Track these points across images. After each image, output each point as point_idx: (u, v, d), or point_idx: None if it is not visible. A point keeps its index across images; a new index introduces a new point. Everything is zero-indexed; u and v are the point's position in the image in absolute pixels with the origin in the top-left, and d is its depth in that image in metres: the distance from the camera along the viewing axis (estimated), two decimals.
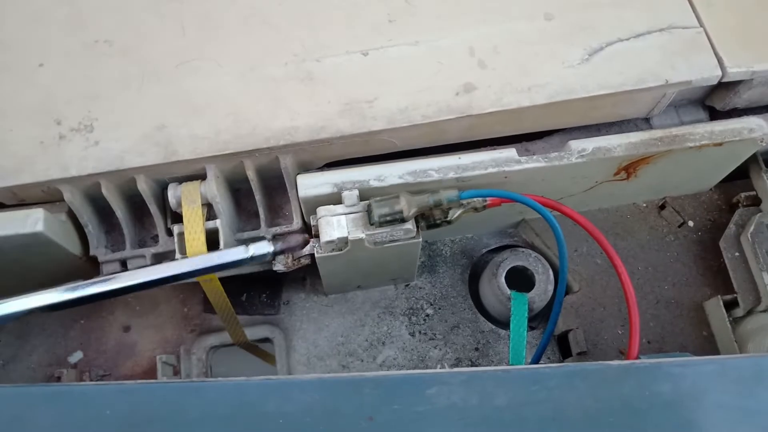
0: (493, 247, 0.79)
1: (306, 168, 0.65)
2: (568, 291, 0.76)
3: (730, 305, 0.73)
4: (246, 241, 0.66)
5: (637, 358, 0.57)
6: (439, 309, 0.76)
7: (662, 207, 0.79)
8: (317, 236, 0.63)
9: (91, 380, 0.72)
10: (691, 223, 0.78)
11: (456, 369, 0.46)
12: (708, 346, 0.73)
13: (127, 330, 0.74)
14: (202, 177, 0.62)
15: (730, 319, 0.72)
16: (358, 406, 0.45)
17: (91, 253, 0.65)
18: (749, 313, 0.72)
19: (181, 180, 0.62)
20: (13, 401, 0.45)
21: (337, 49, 0.63)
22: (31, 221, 0.59)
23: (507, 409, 0.46)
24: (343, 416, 0.45)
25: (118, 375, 0.72)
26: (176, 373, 0.72)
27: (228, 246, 0.62)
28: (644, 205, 0.79)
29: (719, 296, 0.72)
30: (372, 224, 0.59)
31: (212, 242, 0.61)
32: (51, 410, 0.46)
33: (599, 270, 0.76)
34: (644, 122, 0.70)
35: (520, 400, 0.46)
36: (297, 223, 0.65)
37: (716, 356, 0.48)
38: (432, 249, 0.79)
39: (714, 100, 0.68)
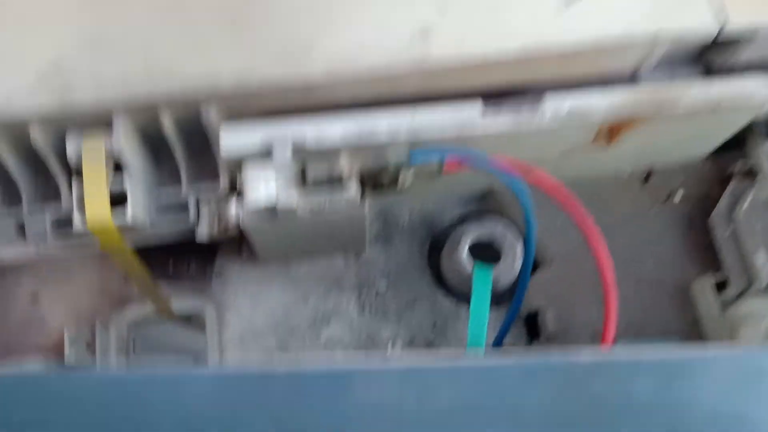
0: (457, 216, 0.70)
1: (232, 119, 0.56)
2: (539, 266, 0.68)
3: (719, 287, 0.65)
4: (168, 205, 0.57)
5: (613, 343, 0.50)
6: (394, 284, 0.68)
7: (647, 178, 0.70)
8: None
9: None
10: (678, 197, 0.69)
11: (391, 360, 0.38)
12: (693, 331, 0.66)
13: (35, 300, 0.65)
14: (110, 127, 0.53)
15: (719, 302, 0.65)
16: (267, 410, 0.37)
17: None
18: (740, 296, 0.65)
19: (87, 129, 0.53)
20: None
21: None
22: None
23: (451, 412, 0.38)
24: (245, 423, 0.37)
25: (24, 351, 0.64)
26: (91, 349, 0.64)
27: (141, 210, 0.53)
28: (627, 175, 0.70)
29: (708, 277, 0.65)
30: (307, 187, 0.50)
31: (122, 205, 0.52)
32: None
33: (577, 245, 0.67)
34: (629, 81, 0.61)
35: (468, 401, 0.38)
36: (224, 184, 0.56)
37: (708, 346, 0.40)
38: (388, 216, 0.70)
39: (711, 58, 0.59)
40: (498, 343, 0.60)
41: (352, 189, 0.51)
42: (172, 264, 0.65)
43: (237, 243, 0.68)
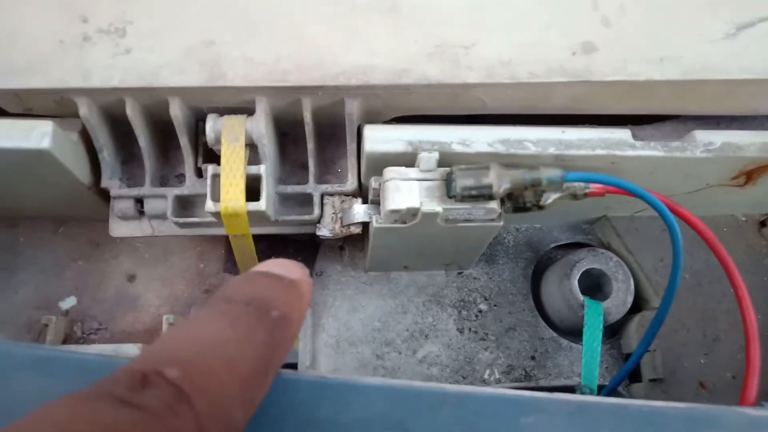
0: (563, 243, 0.68)
1: (371, 119, 0.54)
2: (645, 306, 0.65)
3: None
4: (290, 197, 0.55)
5: (756, 403, 0.47)
6: (495, 306, 0.65)
7: (763, 224, 0.68)
8: (375, 202, 0.52)
9: (83, 333, 0.62)
10: None
11: (560, 395, 0.35)
12: None
13: (131, 279, 0.63)
14: (247, 111, 0.51)
15: None
16: (433, 428, 0.35)
17: (103, 184, 0.54)
18: None
19: (222, 112, 0.51)
20: None
21: None
22: (37, 135, 0.48)
23: None
24: None
25: (115, 330, 0.62)
26: None
27: (270, 199, 0.51)
28: (743, 218, 0.68)
29: None
30: (451, 197, 0.48)
31: (251, 192, 0.50)
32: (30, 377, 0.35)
33: (685, 286, 0.65)
34: None
35: None
36: (352, 183, 0.54)
37: None
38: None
39: None
40: (615, 385, 0.57)
41: (495, 204, 0.49)
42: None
43: (339, 245, 0.66)
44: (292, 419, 0.34)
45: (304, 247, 0.64)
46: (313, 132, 0.53)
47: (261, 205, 0.49)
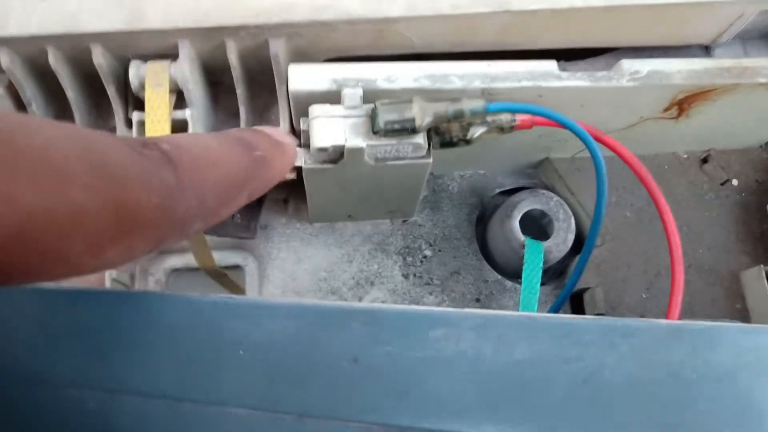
0: (507, 188, 0.69)
1: (301, 61, 0.54)
2: None
3: None
4: None
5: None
6: (439, 251, 0.66)
7: (705, 161, 0.69)
8: (307, 146, 0.52)
9: None
10: (735, 182, 0.68)
11: (469, 310, 0.36)
12: (741, 321, 0.64)
13: None
14: (173, 57, 0.51)
15: None
16: (342, 344, 0.35)
17: None
18: None
19: (148, 58, 0.51)
20: None
21: None
22: None
23: (529, 365, 0.36)
24: (320, 353, 0.35)
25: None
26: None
27: None
28: (685, 156, 0.69)
29: (762, 266, 0.63)
30: (376, 132, 0.48)
31: None
32: None
33: (627, 224, 0.66)
34: (703, 51, 0.59)
35: (546, 355, 0.36)
36: (283, 128, 0.54)
37: None
38: (437, 183, 0.68)
39: None
40: (554, 311, 0.58)
41: (421, 136, 0.49)
42: None
43: (283, 197, 0.66)
44: (199, 340, 0.34)
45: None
46: (243, 77, 0.53)
47: None
